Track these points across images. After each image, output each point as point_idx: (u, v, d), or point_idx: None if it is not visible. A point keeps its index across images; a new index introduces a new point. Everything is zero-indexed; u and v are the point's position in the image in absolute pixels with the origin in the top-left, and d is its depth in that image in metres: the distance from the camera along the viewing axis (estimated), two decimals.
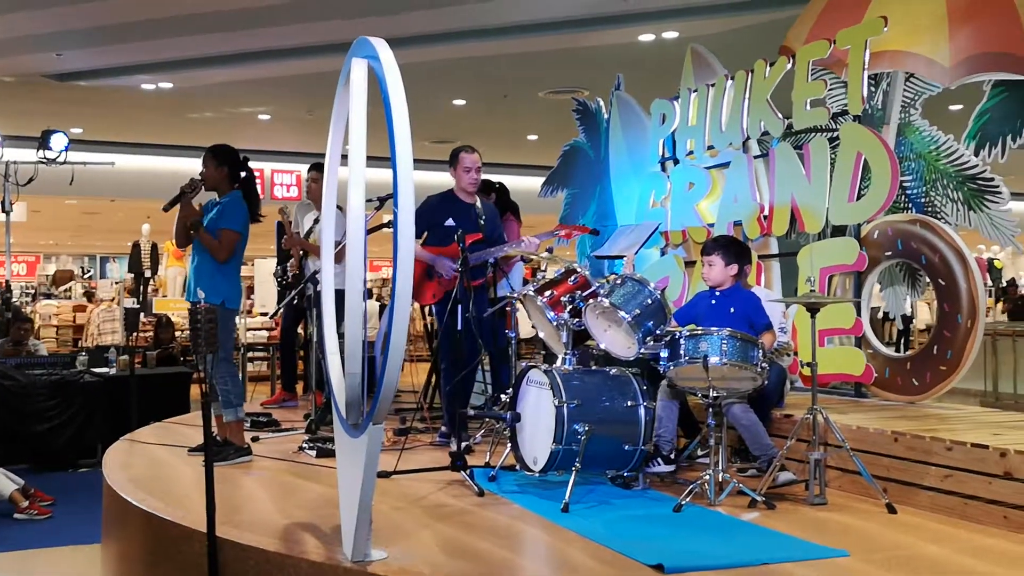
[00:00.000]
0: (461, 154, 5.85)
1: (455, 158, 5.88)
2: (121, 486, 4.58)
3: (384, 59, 3.18)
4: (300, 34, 9.90)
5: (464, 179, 5.84)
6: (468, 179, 5.83)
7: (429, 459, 5.12)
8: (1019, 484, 3.82)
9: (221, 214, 5.30)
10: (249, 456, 5.31)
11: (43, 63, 10.90)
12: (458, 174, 5.87)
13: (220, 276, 5.24)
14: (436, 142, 15.10)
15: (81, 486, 7.35)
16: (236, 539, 3.62)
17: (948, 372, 5.20)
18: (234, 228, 5.26)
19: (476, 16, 9.40)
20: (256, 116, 13.97)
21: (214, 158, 5.38)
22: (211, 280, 5.18)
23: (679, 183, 7.08)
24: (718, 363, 4.27)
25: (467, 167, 5.82)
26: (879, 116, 5.70)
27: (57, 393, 8.17)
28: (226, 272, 5.29)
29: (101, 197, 17.27)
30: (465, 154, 5.84)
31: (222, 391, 5.20)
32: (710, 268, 4.99)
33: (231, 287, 5.31)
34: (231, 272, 5.34)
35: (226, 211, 5.31)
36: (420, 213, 5.82)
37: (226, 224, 5.25)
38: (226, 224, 5.25)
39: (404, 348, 3.11)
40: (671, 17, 9.25)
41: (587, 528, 3.87)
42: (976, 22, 5.16)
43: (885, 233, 5.53)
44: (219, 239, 5.22)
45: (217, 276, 5.22)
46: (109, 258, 32.91)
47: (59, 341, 15.07)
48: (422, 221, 5.82)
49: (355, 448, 3.35)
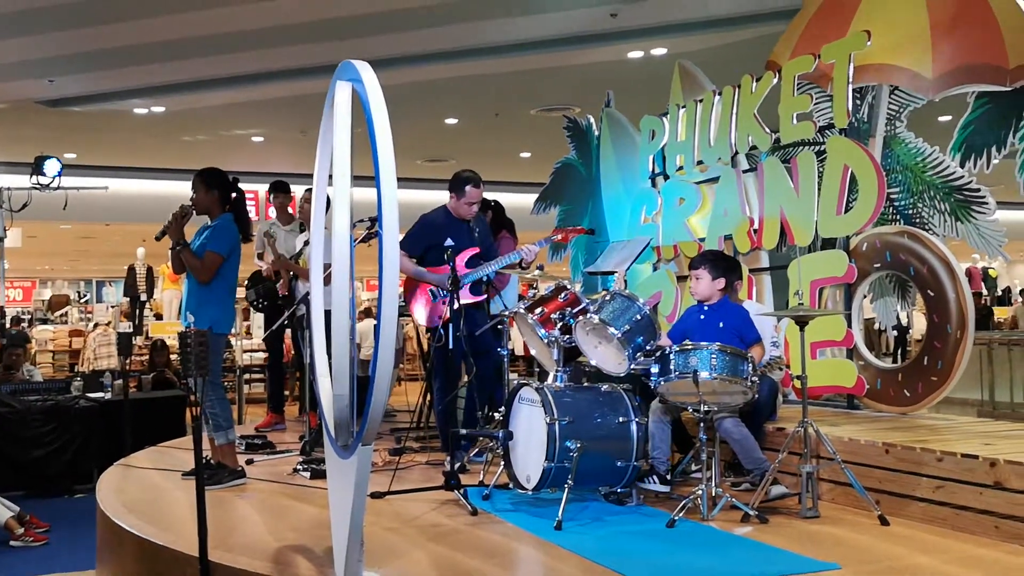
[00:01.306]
0: (468, 187, 5.76)
1: (461, 188, 5.78)
2: (114, 511, 4.58)
3: (367, 81, 3.20)
4: (293, 56, 9.93)
5: (464, 210, 5.81)
6: (469, 211, 5.82)
7: (423, 478, 5.12)
8: (1010, 494, 3.83)
9: (209, 236, 5.33)
10: (243, 479, 5.30)
11: (36, 89, 10.93)
12: (459, 203, 5.81)
13: (209, 300, 5.27)
14: (429, 161, 15.16)
15: (77, 512, 7.34)
16: (229, 563, 3.62)
17: (939, 382, 5.21)
18: (218, 251, 5.26)
19: (468, 35, 9.45)
20: (249, 138, 14.01)
21: (204, 182, 5.42)
22: (199, 304, 5.24)
23: (670, 198, 7.12)
24: (708, 377, 4.28)
25: (471, 201, 5.78)
26: (865, 129, 5.73)
27: (52, 419, 8.17)
28: (215, 296, 5.30)
29: (96, 222, 17.28)
30: (472, 187, 5.75)
31: (211, 414, 5.22)
32: (697, 282, 5.02)
33: (220, 311, 5.31)
34: (221, 296, 5.33)
35: (214, 234, 5.33)
36: (420, 233, 5.85)
37: (212, 246, 5.27)
38: (212, 246, 5.27)
39: (391, 369, 3.12)
40: (659, 34, 9.31)
41: (580, 545, 3.87)
42: (958, 34, 5.20)
43: (874, 245, 5.55)
44: (203, 260, 5.24)
45: (205, 300, 5.26)
46: (105, 282, 32.90)
47: (55, 366, 15.08)
48: (422, 241, 5.83)
49: (345, 469, 3.35)
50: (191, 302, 5.27)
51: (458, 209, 5.82)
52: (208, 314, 5.18)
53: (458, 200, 5.81)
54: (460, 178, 5.81)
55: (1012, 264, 25.75)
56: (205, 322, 5.07)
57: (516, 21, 9.02)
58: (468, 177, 5.79)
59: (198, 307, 5.20)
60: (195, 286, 5.29)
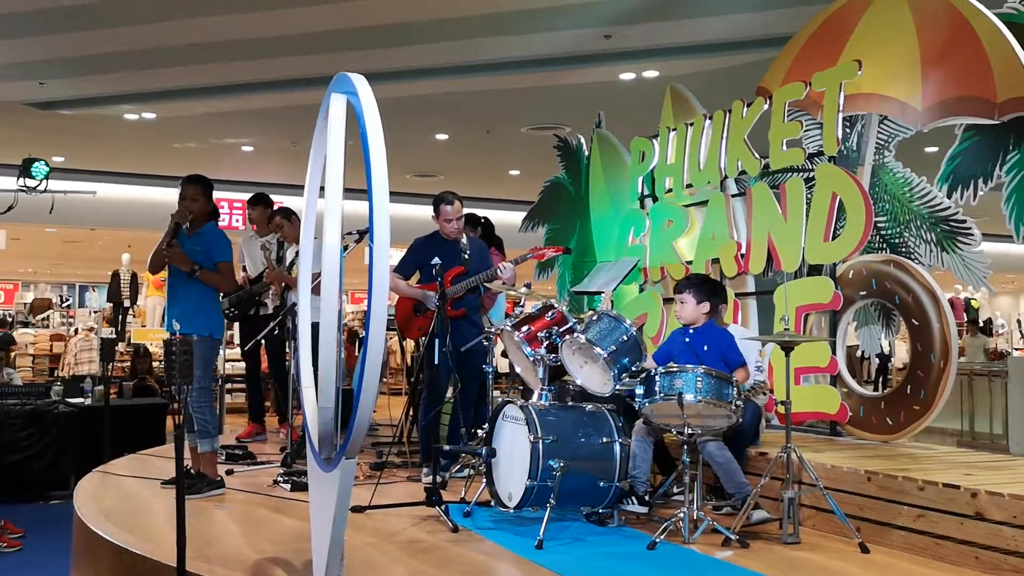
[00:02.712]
0: (442, 206, 5.84)
1: (436, 208, 5.88)
2: (92, 519, 4.53)
3: (362, 94, 3.20)
4: (285, 67, 9.94)
5: (446, 228, 5.87)
6: (450, 228, 5.85)
7: (404, 494, 5.09)
8: (990, 525, 3.84)
9: (211, 247, 5.36)
10: (222, 489, 5.27)
11: (25, 91, 10.89)
12: (440, 223, 5.89)
13: (206, 307, 5.30)
14: (418, 175, 15.16)
15: (52, 518, 7.26)
16: (206, 574, 3.58)
17: (922, 411, 5.24)
18: (228, 259, 5.42)
19: (460, 52, 9.48)
20: (240, 147, 13.99)
21: (205, 192, 5.45)
22: (197, 311, 5.23)
23: (658, 220, 7.14)
24: (693, 400, 4.28)
25: (448, 218, 5.83)
26: (854, 157, 5.77)
27: (31, 423, 8.09)
28: (212, 302, 5.38)
29: (82, 226, 17.19)
30: (445, 206, 5.82)
31: (199, 420, 5.21)
32: (682, 306, 5.03)
33: (218, 317, 5.44)
34: (216, 301, 5.45)
35: (216, 244, 5.39)
36: (409, 256, 5.98)
37: (220, 257, 5.37)
38: (220, 257, 5.37)
39: (378, 382, 3.11)
40: (652, 57, 9.37)
41: (561, 565, 3.85)
42: (948, 66, 5.25)
43: (860, 273, 5.59)
44: (219, 272, 5.35)
45: (203, 308, 5.28)
46: (88, 287, 32.70)
47: (35, 370, 14.94)
48: (412, 262, 5.95)
49: (328, 482, 3.33)
50: (186, 309, 5.21)
51: (443, 229, 5.89)
52: (208, 320, 5.27)
53: (438, 220, 5.90)
54: (436, 199, 5.93)
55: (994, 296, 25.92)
56: (205, 328, 5.20)
57: (510, 40, 9.06)
58: (440, 196, 5.91)
59: (196, 314, 5.20)
60: (190, 295, 5.27)
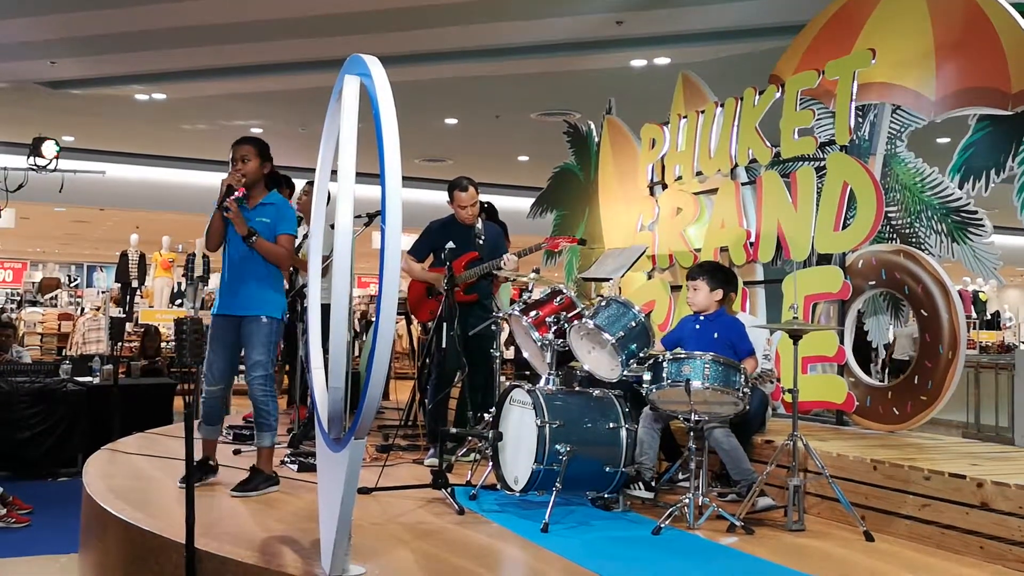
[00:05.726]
0: (456, 191, 5.92)
1: (451, 194, 5.96)
2: (101, 495, 4.56)
3: (376, 76, 3.20)
4: (295, 49, 9.94)
5: (460, 214, 5.96)
6: (464, 214, 5.94)
7: (411, 476, 5.12)
8: (996, 515, 3.85)
9: (278, 218, 4.78)
10: (278, 486, 4.81)
11: (37, 70, 10.91)
12: (455, 208, 5.98)
13: (272, 286, 4.80)
14: (427, 160, 15.17)
15: (60, 495, 7.31)
16: (215, 551, 3.61)
17: (929, 402, 5.23)
18: (292, 232, 4.81)
19: (470, 37, 9.47)
20: (249, 129, 13.98)
21: (259, 153, 4.78)
22: (262, 291, 4.74)
23: (667, 208, 7.13)
24: (700, 387, 4.29)
25: (462, 204, 5.92)
26: (865, 147, 5.75)
27: (39, 401, 8.13)
28: (278, 282, 4.87)
29: (91, 206, 17.23)
30: (459, 192, 5.90)
31: (262, 412, 4.74)
32: (695, 293, 5.03)
33: (282, 297, 4.92)
34: (281, 280, 4.94)
35: (282, 215, 4.80)
36: (424, 239, 6.06)
37: (285, 229, 4.77)
38: (285, 229, 4.77)
39: (388, 364, 3.12)
40: (663, 43, 9.35)
41: (566, 549, 3.87)
42: (962, 57, 5.22)
43: (869, 263, 5.58)
44: (283, 246, 4.76)
45: (269, 287, 4.78)
46: (96, 267, 32.79)
47: (43, 349, 15.03)
48: (426, 245, 6.03)
49: (336, 463, 3.35)
50: (252, 290, 4.71)
51: (458, 214, 5.97)
52: (276, 301, 4.81)
53: (453, 206, 5.98)
54: (450, 184, 6.00)
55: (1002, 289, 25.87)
56: (276, 308, 4.76)
57: (521, 24, 9.04)
58: (455, 182, 5.97)
59: (261, 293, 4.72)
60: (252, 273, 4.73)
